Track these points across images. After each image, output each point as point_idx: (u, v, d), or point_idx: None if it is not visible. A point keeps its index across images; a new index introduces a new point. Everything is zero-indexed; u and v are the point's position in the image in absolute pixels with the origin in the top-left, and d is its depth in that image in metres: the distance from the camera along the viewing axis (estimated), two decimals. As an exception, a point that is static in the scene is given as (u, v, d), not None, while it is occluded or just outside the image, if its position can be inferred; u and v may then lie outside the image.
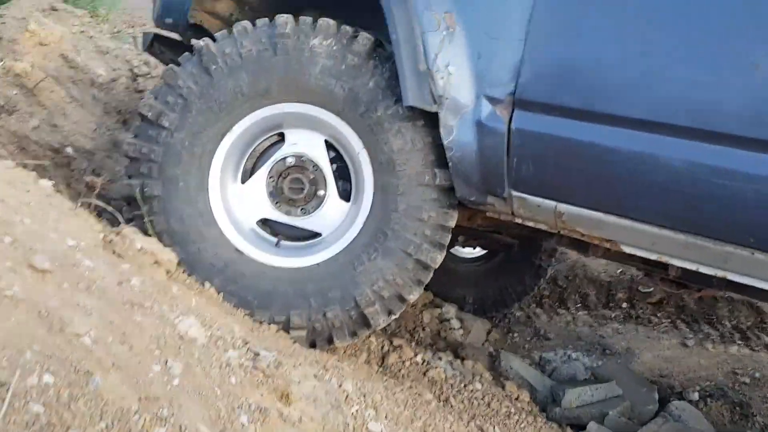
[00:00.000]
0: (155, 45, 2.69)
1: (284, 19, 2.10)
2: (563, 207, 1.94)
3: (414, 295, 2.14)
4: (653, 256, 1.90)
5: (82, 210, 1.89)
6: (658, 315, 4.34)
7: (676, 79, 1.73)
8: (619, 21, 1.81)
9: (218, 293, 2.06)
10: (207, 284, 2.06)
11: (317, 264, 2.15)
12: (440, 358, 2.59)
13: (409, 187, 2.08)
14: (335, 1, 2.44)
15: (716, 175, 1.70)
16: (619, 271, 4.58)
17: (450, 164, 2.03)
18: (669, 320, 4.30)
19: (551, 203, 1.95)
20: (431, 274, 2.15)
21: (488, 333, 3.86)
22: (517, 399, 2.59)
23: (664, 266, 2.11)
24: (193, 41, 2.13)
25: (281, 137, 2.28)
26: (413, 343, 2.65)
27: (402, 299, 2.13)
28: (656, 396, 3.05)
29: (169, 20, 2.55)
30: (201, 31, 2.62)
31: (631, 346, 3.95)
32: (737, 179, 1.67)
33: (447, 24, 2.01)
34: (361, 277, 2.09)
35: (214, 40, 2.60)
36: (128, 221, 2.07)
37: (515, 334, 4.08)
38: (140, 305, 1.35)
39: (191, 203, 2.12)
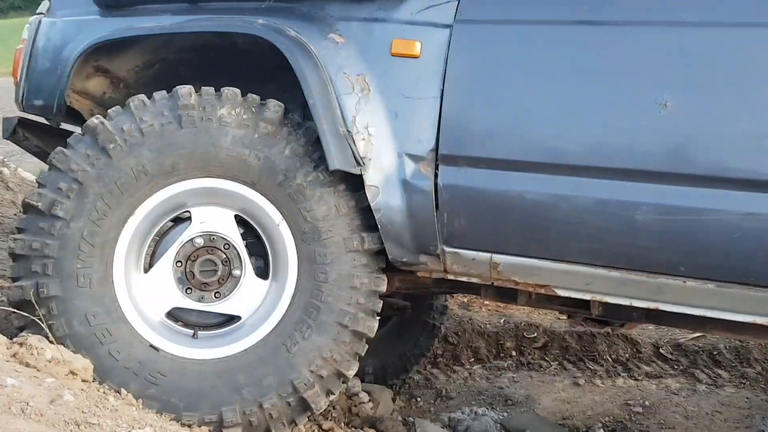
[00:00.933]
0: (19, 131, 2.39)
1: (187, 90, 1.96)
2: (499, 258, 1.93)
3: (352, 371, 2.01)
4: (587, 296, 1.94)
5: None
6: (546, 358, 4.49)
7: (593, 124, 1.82)
8: (533, 70, 1.88)
9: (137, 399, 1.79)
10: (123, 391, 1.79)
11: (245, 350, 1.96)
12: (371, 437, 2.45)
13: (338, 255, 1.98)
14: (216, 72, 2.35)
15: (642, 211, 1.78)
16: (503, 320, 4.71)
17: (379, 226, 1.97)
18: (557, 362, 4.45)
19: (486, 255, 1.94)
20: (366, 346, 2.04)
21: (393, 401, 3.77)
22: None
23: (587, 306, 2.16)
24: (87, 121, 1.92)
25: (186, 216, 2.10)
26: (342, 424, 2.49)
27: (341, 376, 1.99)
28: (570, 438, 3.11)
29: (38, 102, 2.29)
30: (69, 115, 2.40)
31: (529, 393, 4.03)
32: (661, 213, 1.77)
33: (360, 86, 1.98)
34: (297, 359, 1.93)
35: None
36: (20, 330, 1.77)
37: (418, 399, 4.02)
38: (85, 423, 1.12)
39: (96, 300, 1.86)
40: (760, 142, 1.70)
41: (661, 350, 4.42)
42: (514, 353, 4.54)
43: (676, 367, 4.33)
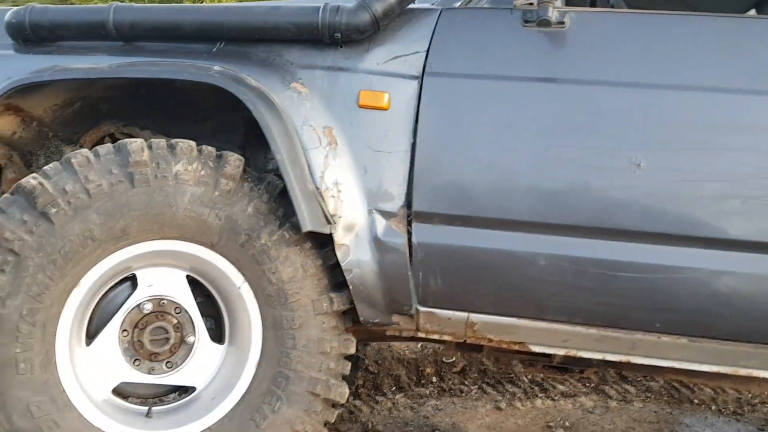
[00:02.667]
0: None
1: (138, 144, 1.76)
2: (476, 317, 1.89)
3: (322, 440, 1.90)
4: (562, 352, 1.95)
5: None
6: (466, 383, 4.53)
7: (567, 182, 1.82)
8: (507, 127, 1.85)
9: (92, 498, 1.59)
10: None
11: (208, 428, 1.79)
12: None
13: (306, 319, 1.86)
14: (142, 110, 2.16)
15: (618, 269, 1.81)
16: (420, 345, 4.71)
17: (350, 287, 1.87)
18: (476, 386, 4.50)
19: (463, 315, 1.90)
20: (336, 413, 1.94)
21: (320, 440, 3.64)
22: None
23: (549, 355, 2.17)
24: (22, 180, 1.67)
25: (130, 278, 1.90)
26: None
27: (312, 447, 1.87)
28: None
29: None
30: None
31: (455, 421, 4.04)
32: (637, 271, 1.80)
33: (328, 139, 1.88)
34: (268, 435, 1.79)
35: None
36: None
37: (345, 435, 3.92)
38: None
39: (39, 388, 1.62)
40: (726, 202, 1.76)
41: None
42: (434, 379, 4.55)
43: (587, 384, 4.51)
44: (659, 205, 1.78)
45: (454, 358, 4.65)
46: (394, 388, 4.50)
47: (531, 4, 1.84)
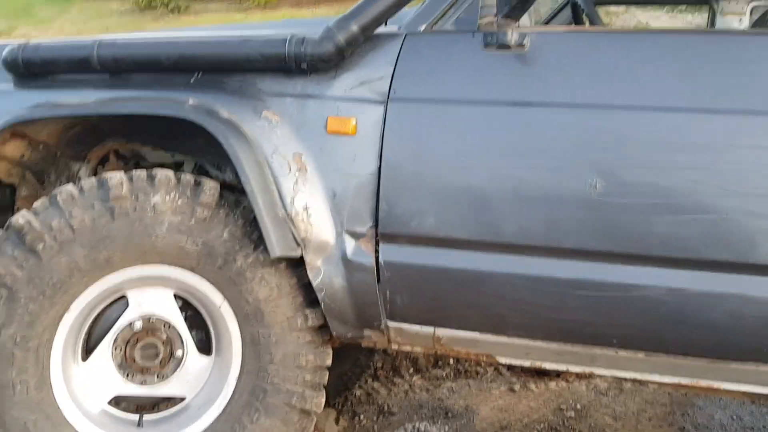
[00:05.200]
0: None
1: (118, 179, 1.90)
2: (441, 332, 1.99)
3: (302, 445, 2.04)
4: (527, 363, 2.03)
5: None
6: (482, 364, 4.63)
7: (525, 203, 1.87)
8: (465, 150, 1.91)
9: (85, 505, 1.77)
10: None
11: (194, 437, 1.96)
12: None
13: (282, 336, 1.99)
14: (142, 129, 2.29)
15: (575, 287, 1.86)
16: (438, 327, 4.82)
17: (322, 305, 1.98)
18: (492, 367, 4.60)
19: (429, 329, 1.99)
20: (315, 420, 2.07)
21: (337, 421, 3.82)
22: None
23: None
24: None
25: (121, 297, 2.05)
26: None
27: (291, 452, 2.02)
28: (508, 454, 3.24)
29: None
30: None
31: (468, 404, 4.16)
32: (594, 289, 1.85)
33: (297, 165, 1.97)
34: (247, 443, 1.95)
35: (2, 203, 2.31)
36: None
37: (361, 416, 4.08)
38: None
39: (34, 407, 1.81)
40: (681, 222, 1.79)
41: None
42: (451, 361, 4.66)
43: (602, 365, 4.55)
44: (615, 226, 1.82)
45: (471, 340, 4.75)
46: (411, 370, 4.64)
47: (492, 24, 1.87)
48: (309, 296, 2.01)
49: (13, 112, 2.07)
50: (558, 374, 4.49)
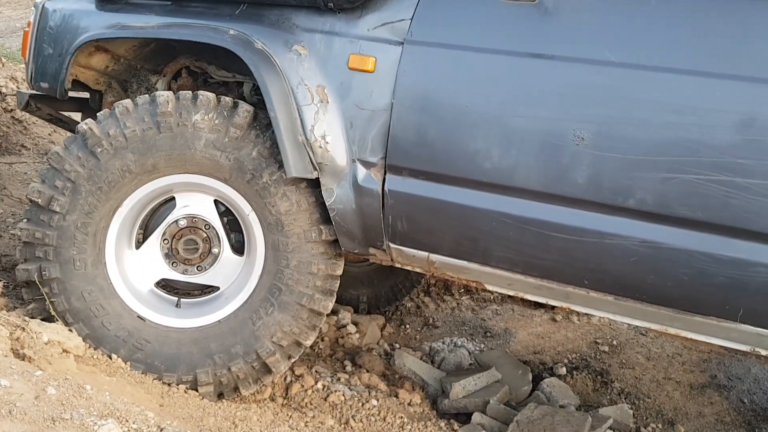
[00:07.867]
0: (31, 103, 2.70)
1: (165, 98, 2.20)
2: (434, 257, 2.21)
3: (310, 340, 2.36)
4: (511, 293, 2.22)
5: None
6: (531, 292, 4.80)
7: (518, 149, 2.01)
8: (470, 95, 2.05)
9: (126, 363, 2.19)
10: (114, 356, 2.19)
11: (218, 321, 2.32)
12: (339, 379, 2.84)
13: (298, 245, 2.27)
14: (208, 49, 2.56)
15: (555, 230, 2.01)
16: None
17: (333, 223, 2.24)
18: (540, 296, 4.77)
19: (424, 254, 2.22)
20: (324, 318, 2.38)
21: (382, 328, 4.15)
22: (410, 404, 2.89)
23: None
24: (78, 124, 2.20)
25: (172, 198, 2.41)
26: (312, 369, 2.88)
27: (300, 344, 2.35)
28: (530, 377, 3.46)
29: (44, 84, 2.57)
30: (78, 84, 2.67)
31: (508, 327, 4.38)
32: (572, 233, 1.99)
33: (320, 97, 2.19)
34: (261, 331, 2.29)
35: (93, 106, 2.66)
36: (28, 303, 2.15)
37: (407, 326, 4.41)
38: (60, 418, 1.49)
39: (90, 280, 2.22)
40: (661, 179, 1.87)
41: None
42: (501, 285, 4.86)
43: (651, 307, 4.60)
44: (597, 176, 1.93)
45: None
46: (462, 290, 4.90)
47: None
48: (324, 214, 2.27)
49: (93, 29, 2.41)
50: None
